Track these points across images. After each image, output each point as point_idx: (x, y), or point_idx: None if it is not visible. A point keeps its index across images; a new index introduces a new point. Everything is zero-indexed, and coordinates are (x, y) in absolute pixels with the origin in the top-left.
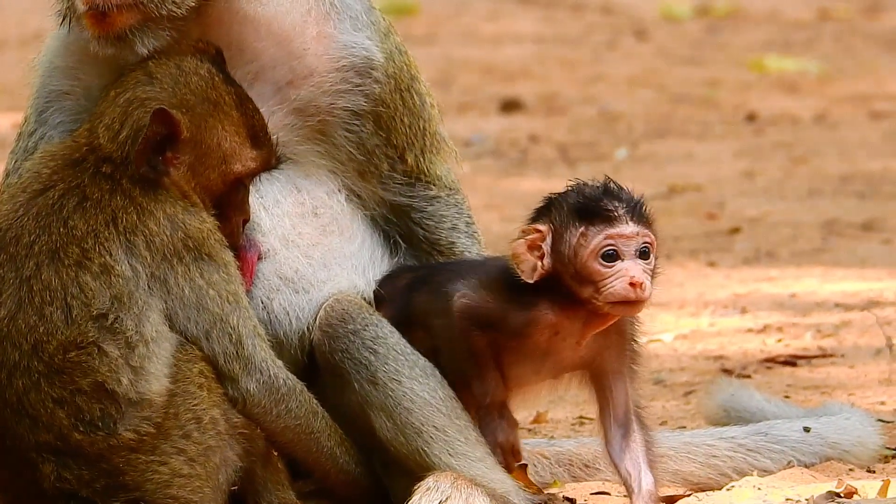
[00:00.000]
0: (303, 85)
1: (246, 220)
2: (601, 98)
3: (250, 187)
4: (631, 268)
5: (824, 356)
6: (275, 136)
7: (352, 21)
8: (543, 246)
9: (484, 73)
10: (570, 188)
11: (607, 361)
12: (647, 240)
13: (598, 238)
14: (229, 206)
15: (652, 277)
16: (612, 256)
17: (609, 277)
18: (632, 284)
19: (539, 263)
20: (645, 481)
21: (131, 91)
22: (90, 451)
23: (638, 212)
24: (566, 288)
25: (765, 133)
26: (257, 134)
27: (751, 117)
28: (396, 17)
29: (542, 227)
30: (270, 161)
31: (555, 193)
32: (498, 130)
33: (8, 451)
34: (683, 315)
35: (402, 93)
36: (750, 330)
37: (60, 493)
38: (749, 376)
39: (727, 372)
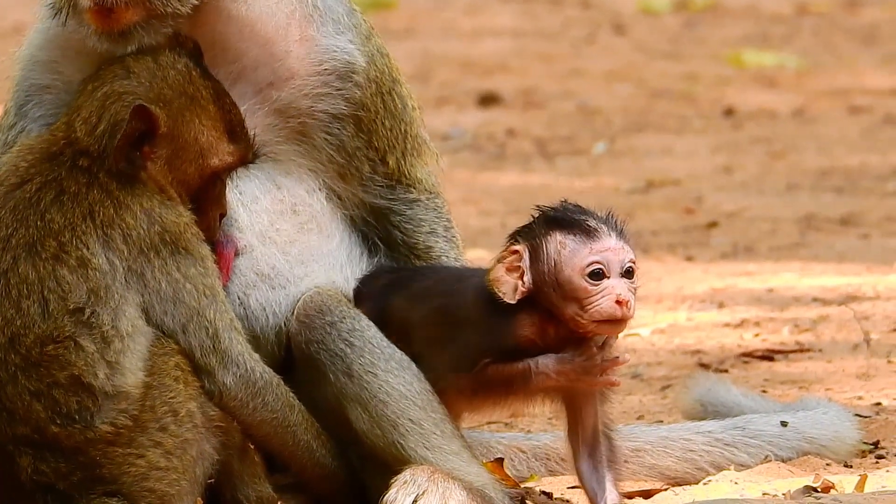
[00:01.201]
0: (284, 87)
1: (223, 215)
2: (579, 92)
3: (228, 182)
4: (617, 285)
5: (802, 351)
6: (252, 132)
7: (334, 24)
8: (521, 264)
9: (462, 67)
10: (537, 211)
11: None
12: (631, 258)
13: (582, 252)
14: (206, 201)
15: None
16: (598, 275)
17: (595, 295)
18: (618, 302)
19: (519, 283)
20: (610, 499)
21: (109, 85)
22: (67, 444)
23: (617, 226)
24: (547, 304)
25: (743, 128)
26: (234, 129)
27: (729, 112)
28: (375, 12)
29: (518, 247)
30: (247, 156)
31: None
32: (476, 124)
33: None
34: (661, 309)
35: (384, 96)
36: (727, 324)
37: (38, 486)
38: (726, 371)
39: (704, 366)
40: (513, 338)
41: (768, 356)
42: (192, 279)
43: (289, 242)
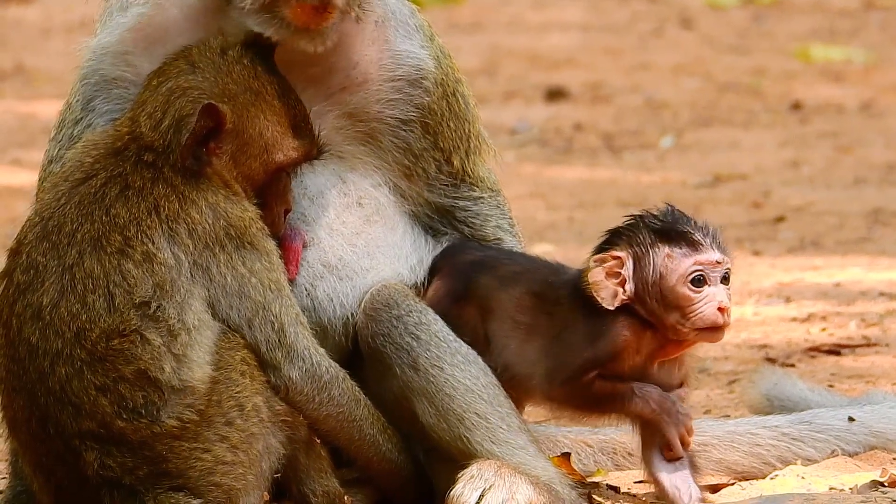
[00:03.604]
0: (356, 92)
1: (288, 211)
2: (647, 86)
3: (293, 177)
4: (718, 293)
5: (868, 345)
6: (317, 128)
7: (403, 27)
8: (623, 272)
9: (529, 61)
10: (639, 216)
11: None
12: (729, 265)
13: (686, 263)
14: (271, 196)
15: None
16: (700, 281)
17: (698, 303)
18: (719, 309)
19: (620, 290)
20: (693, 494)
21: (173, 80)
22: (133, 439)
23: (719, 240)
24: (647, 313)
25: (810, 122)
26: (299, 124)
27: (796, 106)
28: (443, 7)
29: (621, 254)
30: (312, 151)
31: (622, 224)
32: (543, 119)
33: (51, 438)
34: None
35: (449, 98)
36: (794, 319)
37: (103, 481)
38: (793, 365)
39: (771, 361)
40: (613, 343)
41: (835, 351)
42: (258, 274)
43: (355, 234)
